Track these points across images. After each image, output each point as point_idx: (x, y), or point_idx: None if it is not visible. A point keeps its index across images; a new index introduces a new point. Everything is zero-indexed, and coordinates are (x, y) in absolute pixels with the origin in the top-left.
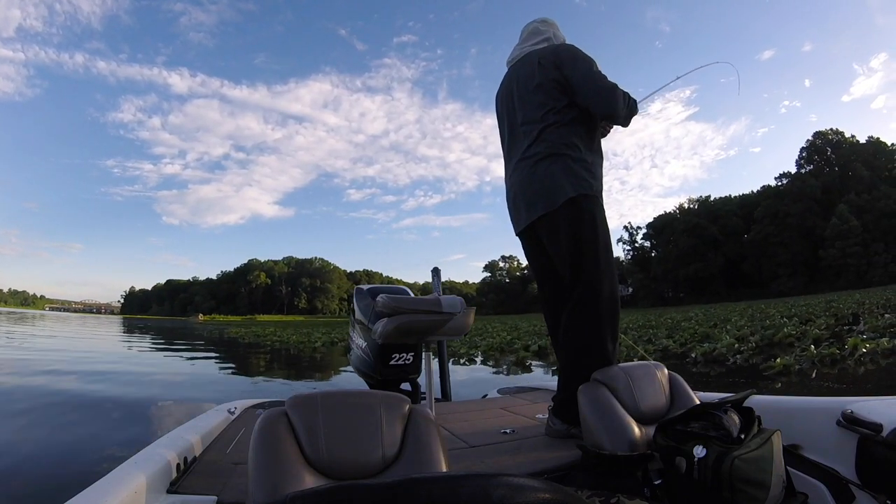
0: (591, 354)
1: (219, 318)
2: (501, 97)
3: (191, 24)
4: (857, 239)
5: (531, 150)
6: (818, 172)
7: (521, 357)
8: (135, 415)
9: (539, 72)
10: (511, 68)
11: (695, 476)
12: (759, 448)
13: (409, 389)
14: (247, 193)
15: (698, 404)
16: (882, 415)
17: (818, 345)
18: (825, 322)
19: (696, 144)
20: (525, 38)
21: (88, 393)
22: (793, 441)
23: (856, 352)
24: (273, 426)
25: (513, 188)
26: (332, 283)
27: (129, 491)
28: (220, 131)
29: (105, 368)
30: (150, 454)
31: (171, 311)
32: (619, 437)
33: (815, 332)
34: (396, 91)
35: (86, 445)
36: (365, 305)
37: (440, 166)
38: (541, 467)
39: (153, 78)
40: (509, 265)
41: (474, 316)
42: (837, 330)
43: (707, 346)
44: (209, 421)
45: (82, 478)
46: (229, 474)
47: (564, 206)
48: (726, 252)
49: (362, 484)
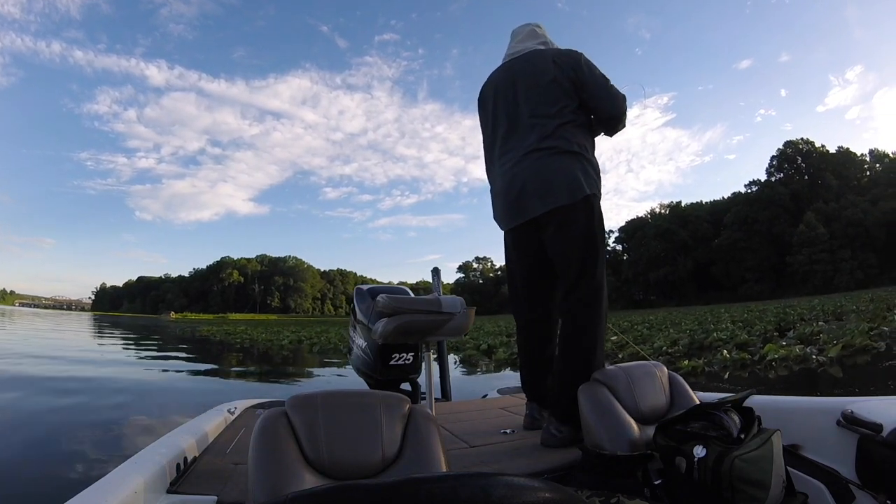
0: (597, 354)
1: (190, 317)
2: (498, 88)
3: (171, 16)
4: (825, 246)
5: (546, 143)
6: (788, 180)
7: (468, 355)
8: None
9: (555, 69)
10: (512, 62)
11: (695, 476)
12: (759, 448)
13: (409, 389)
14: (222, 189)
15: (698, 404)
16: (882, 415)
17: (742, 349)
18: (763, 327)
19: (672, 150)
20: (524, 37)
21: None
22: (793, 441)
23: (765, 358)
24: (273, 426)
25: (517, 178)
26: (306, 283)
27: (129, 491)
28: (197, 125)
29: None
30: (150, 454)
31: (143, 308)
32: (619, 437)
33: (744, 338)
34: (376, 89)
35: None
36: (365, 306)
37: (418, 166)
38: (541, 467)
39: (130, 69)
40: (483, 266)
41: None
42: (768, 335)
43: (638, 348)
44: (209, 421)
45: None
46: (229, 474)
47: (582, 201)
48: (696, 256)
49: (362, 484)
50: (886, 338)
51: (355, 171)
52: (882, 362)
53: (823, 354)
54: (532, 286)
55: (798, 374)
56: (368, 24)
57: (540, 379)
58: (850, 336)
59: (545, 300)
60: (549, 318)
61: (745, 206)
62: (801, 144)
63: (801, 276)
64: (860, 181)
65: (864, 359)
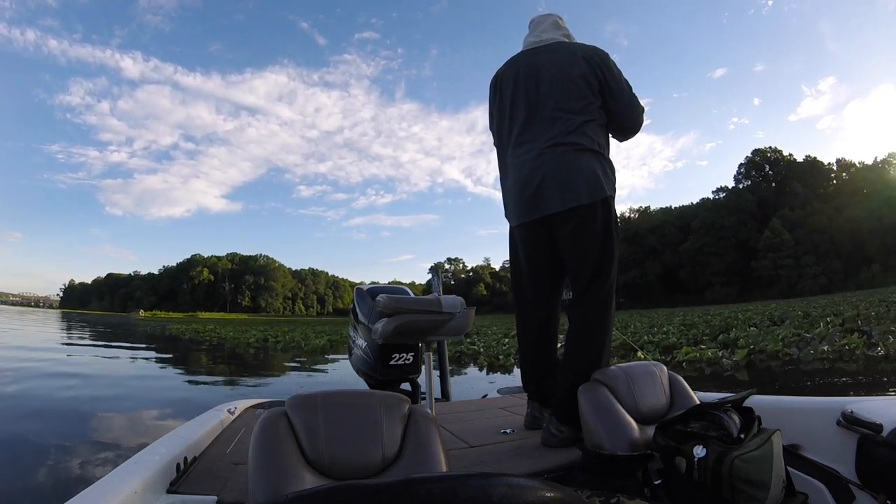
0: (603, 356)
1: (160, 315)
2: (519, 74)
3: (149, 7)
4: (790, 251)
5: (569, 138)
6: (755, 188)
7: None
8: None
9: (584, 65)
10: (536, 50)
11: (695, 476)
12: (759, 448)
13: (409, 389)
14: (194, 186)
15: (698, 404)
16: (882, 415)
17: (667, 351)
18: (700, 331)
19: (646, 155)
20: (547, 27)
21: None
22: (793, 441)
23: (675, 357)
24: (273, 426)
25: (537, 171)
26: (277, 282)
27: (129, 491)
28: (170, 120)
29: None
30: (150, 454)
31: (112, 306)
32: (619, 437)
33: (671, 340)
34: (354, 88)
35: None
36: (365, 306)
37: (393, 166)
38: (541, 467)
39: (105, 60)
40: (455, 267)
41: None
42: (698, 338)
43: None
44: (209, 421)
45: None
46: (229, 474)
47: (602, 202)
48: (664, 260)
49: (362, 484)
50: (807, 343)
51: (330, 170)
52: (788, 367)
53: (731, 358)
54: (538, 284)
55: (709, 375)
56: (348, 21)
57: (543, 379)
58: (765, 342)
59: (551, 299)
60: (554, 317)
61: (712, 212)
62: (768, 153)
63: (766, 281)
64: (826, 189)
65: (777, 363)
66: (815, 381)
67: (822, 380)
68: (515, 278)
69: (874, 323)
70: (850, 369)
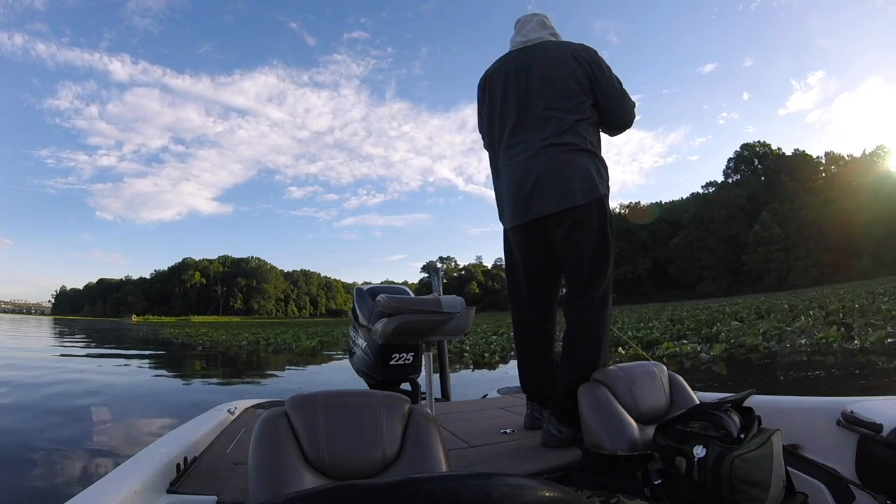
0: (601, 356)
1: (152, 319)
2: (509, 75)
3: (137, 9)
4: (779, 245)
5: (563, 138)
6: (744, 182)
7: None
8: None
9: (574, 64)
10: (525, 50)
11: (695, 476)
12: (759, 448)
13: (409, 389)
14: (184, 188)
15: (698, 404)
16: (882, 415)
17: (650, 347)
18: (685, 326)
19: (636, 151)
20: (533, 27)
21: None
22: (793, 441)
23: (655, 352)
24: (273, 426)
25: (531, 173)
26: (269, 284)
27: (129, 491)
28: (160, 122)
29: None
30: (150, 454)
31: (104, 311)
32: (619, 437)
33: (654, 336)
34: (344, 87)
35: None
36: (365, 306)
37: (384, 165)
38: (541, 467)
39: (94, 64)
40: (447, 266)
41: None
42: (681, 333)
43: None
44: (209, 421)
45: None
46: (229, 474)
47: (597, 202)
48: (654, 255)
49: (362, 484)
50: (786, 337)
51: (321, 170)
52: (765, 360)
53: (709, 353)
54: (535, 285)
55: (688, 369)
56: (338, 21)
57: (541, 379)
58: (745, 336)
59: (547, 299)
60: (551, 317)
61: (701, 207)
62: (757, 147)
63: (756, 274)
64: (815, 183)
65: (756, 356)
66: (788, 375)
67: (797, 374)
68: (511, 280)
69: (857, 315)
70: (828, 362)
